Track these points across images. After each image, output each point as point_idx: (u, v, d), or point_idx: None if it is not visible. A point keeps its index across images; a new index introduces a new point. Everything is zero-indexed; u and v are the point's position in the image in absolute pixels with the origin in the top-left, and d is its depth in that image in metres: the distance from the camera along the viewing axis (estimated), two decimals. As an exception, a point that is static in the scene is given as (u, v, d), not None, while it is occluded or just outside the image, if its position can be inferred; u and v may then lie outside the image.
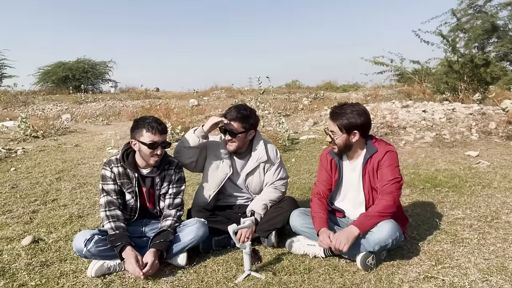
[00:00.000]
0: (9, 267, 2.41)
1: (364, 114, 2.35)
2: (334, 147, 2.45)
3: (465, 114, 7.39)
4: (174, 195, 2.55)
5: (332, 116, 2.40)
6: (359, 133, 2.35)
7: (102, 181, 2.48)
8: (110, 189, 2.46)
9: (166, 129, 2.47)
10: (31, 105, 15.64)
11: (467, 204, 3.37)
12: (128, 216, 2.51)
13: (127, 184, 2.48)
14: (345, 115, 2.34)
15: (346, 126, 2.34)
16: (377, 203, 2.33)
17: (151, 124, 2.38)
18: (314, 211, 2.46)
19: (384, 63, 12.27)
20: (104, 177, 2.47)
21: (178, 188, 2.57)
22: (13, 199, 3.94)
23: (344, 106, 2.38)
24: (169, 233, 2.37)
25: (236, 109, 2.68)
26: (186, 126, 7.49)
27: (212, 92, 18.64)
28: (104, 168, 2.49)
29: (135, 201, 2.49)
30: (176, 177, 2.57)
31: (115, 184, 2.47)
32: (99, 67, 22.14)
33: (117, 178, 2.47)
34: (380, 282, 2.12)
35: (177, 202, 2.54)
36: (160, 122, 2.43)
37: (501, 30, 10.99)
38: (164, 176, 2.54)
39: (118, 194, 2.47)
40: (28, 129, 8.02)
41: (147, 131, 2.37)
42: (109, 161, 2.50)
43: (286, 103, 13.23)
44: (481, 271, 2.18)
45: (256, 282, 2.16)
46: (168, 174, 2.55)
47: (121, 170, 2.47)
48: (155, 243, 2.31)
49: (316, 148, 6.33)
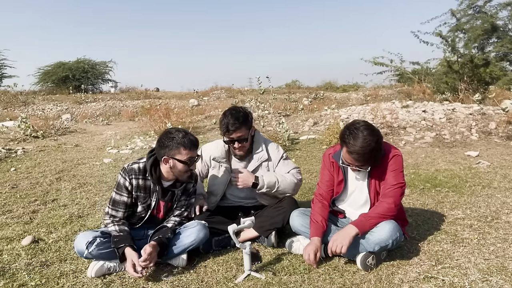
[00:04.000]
0: (9, 267, 2.40)
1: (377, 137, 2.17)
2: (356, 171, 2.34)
3: (465, 114, 7.39)
4: (186, 207, 2.54)
5: (361, 160, 2.19)
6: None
7: (117, 189, 2.37)
8: (121, 201, 2.36)
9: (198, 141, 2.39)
10: (31, 105, 15.65)
11: (467, 204, 3.37)
12: (134, 222, 2.49)
13: (143, 198, 2.40)
14: (372, 152, 2.15)
15: (377, 157, 2.26)
16: (378, 205, 2.32)
17: (188, 140, 2.28)
18: (313, 215, 2.43)
19: (384, 63, 12.30)
20: (120, 186, 2.35)
21: (190, 201, 2.56)
22: (13, 199, 3.94)
23: (365, 142, 2.12)
24: (168, 230, 2.37)
25: (233, 116, 2.60)
26: (186, 126, 7.49)
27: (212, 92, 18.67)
28: (123, 176, 2.35)
29: (146, 212, 2.45)
30: (193, 189, 2.55)
31: (129, 198, 2.37)
32: (99, 67, 22.19)
33: (133, 191, 2.36)
34: (380, 282, 2.12)
35: (186, 214, 2.54)
36: (191, 134, 2.35)
37: (500, 30, 11.01)
38: (185, 189, 2.50)
39: (128, 207, 2.40)
40: (28, 129, 8.02)
41: (185, 149, 2.27)
42: (130, 170, 2.35)
43: (286, 103, 13.24)
44: (481, 271, 2.18)
45: (256, 282, 2.16)
46: (188, 187, 2.51)
47: (141, 182, 2.36)
48: (154, 238, 2.32)
49: (316, 148, 6.33)
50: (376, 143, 2.15)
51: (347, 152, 2.20)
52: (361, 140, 2.12)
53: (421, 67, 12.77)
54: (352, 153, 2.18)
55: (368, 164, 2.24)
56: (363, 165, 2.24)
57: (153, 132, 8.13)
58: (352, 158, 2.20)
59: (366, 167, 2.27)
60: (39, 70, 21.58)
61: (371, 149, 2.14)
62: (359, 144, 2.12)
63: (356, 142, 2.13)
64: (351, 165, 2.27)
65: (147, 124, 8.85)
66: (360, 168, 2.27)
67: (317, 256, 2.23)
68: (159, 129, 8.00)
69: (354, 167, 2.28)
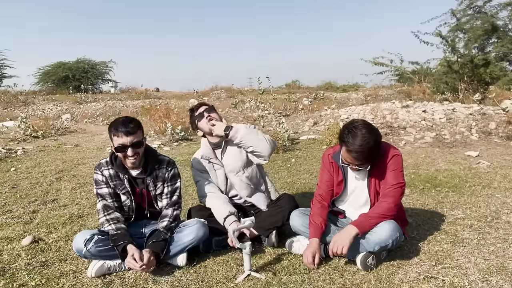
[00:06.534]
0: (9, 267, 2.41)
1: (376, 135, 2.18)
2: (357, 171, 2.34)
3: (465, 114, 7.39)
4: (171, 194, 2.51)
5: (361, 158, 2.18)
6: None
7: (96, 185, 2.45)
8: (104, 193, 2.43)
9: (136, 129, 2.32)
10: (31, 105, 15.64)
11: (467, 204, 3.37)
12: (127, 216, 2.51)
13: (120, 185, 2.45)
14: (371, 150, 2.15)
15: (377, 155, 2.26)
16: (377, 204, 2.32)
17: (116, 128, 2.29)
18: (312, 216, 2.43)
19: (384, 63, 12.30)
20: (97, 181, 2.44)
21: (173, 186, 2.52)
22: (13, 199, 3.94)
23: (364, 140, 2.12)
24: (160, 233, 2.35)
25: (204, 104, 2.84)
26: (186, 126, 7.48)
27: (212, 92, 18.65)
28: (95, 172, 2.46)
29: (131, 201, 2.47)
30: (169, 175, 2.51)
31: (108, 187, 2.44)
32: (99, 67, 22.20)
33: (109, 181, 2.43)
34: (380, 282, 2.12)
35: (174, 200, 2.51)
36: (126, 123, 2.30)
37: (501, 30, 11.00)
38: (156, 176, 2.48)
39: (114, 196, 2.44)
40: (28, 129, 8.02)
41: (114, 135, 2.30)
42: (99, 164, 2.47)
43: (286, 103, 13.23)
44: (481, 271, 2.18)
45: (256, 282, 2.16)
46: (161, 173, 2.49)
47: (112, 172, 2.44)
48: (148, 244, 2.31)
49: (316, 148, 6.33)
50: (375, 141, 2.15)
51: (347, 151, 2.20)
52: (360, 138, 2.12)
53: (421, 67, 12.77)
54: (351, 152, 2.17)
55: (368, 162, 2.24)
56: (362, 163, 2.23)
57: (153, 132, 8.13)
58: (351, 157, 2.20)
59: (365, 166, 2.27)
60: (39, 70, 21.61)
61: (370, 147, 2.14)
62: (358, 142, 2.12)
63: (355, 141, 2.13)
64: (350, 164, 2.26)
65: (147, 124, 8.84)
66: (359, 167, 2.26)
67: (316, 258, 2.23)
68: (159, 129, 7.99)
69: (354, 166, 2.27)
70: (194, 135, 7.70)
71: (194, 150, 6.24)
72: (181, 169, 5.09)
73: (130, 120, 2.36)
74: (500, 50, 10.98)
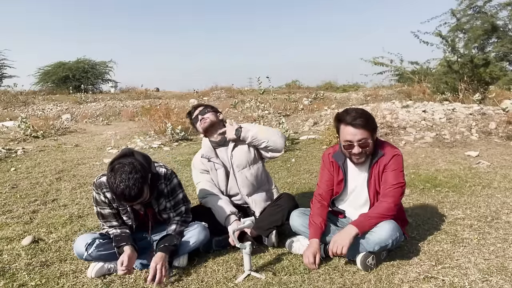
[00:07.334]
0: (9, 267, 2.41)
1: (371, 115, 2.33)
2: (360, 159, 2.30)
3: (465, 114, 7.39)
4: (174, 207, 2.42)
5: (361, 123, 2.21)
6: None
7: (97, 204, 2.30)
8: (107, 213, 2.31)
9: (139, 194, 2.02)
10: (31, 105, 15.65)
11: (467, 204, 3.37)
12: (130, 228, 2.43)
13: (123, 210, 2.32)
14: (369, 118, 2.25)
15: (375, 130, 2.28)
16: (377, 204, 2.32)
17: (118, 199, 2.09)
18: (312, 217, 2.43)
19: (384, 63, 12.29)
20: (98, 201, 2.28)
21: (175, 199, 2.41)
22: (13, 199, 3.94)
23: (359, 111, 2.25)
24: (173, 238, 2.29)
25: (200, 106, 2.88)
26: (186, 126, 7.48)
27: (212, 92, 18.65)
28: (96, 192, 2.25)
29: (132, 220, 2.37)
30: (169, 188, 2.37)
31: (112, 208, 2.30)
32: (99, 67, 22.22)
33: (112, 202, 2.28)
34: (380, 282, 2.12)
35: (180, 211, 2.44)
36: (127, 193, 1.97)
37: (500, 30, 11.00)
38: (157, 193, 2.31)
39: (117, 216, 2.33)
40: (28, 129, 8.02)
41: (115, 197, 2.11)
42: (100, 184, 2.24)
43: (286, 103, 13.23)
44: (481, 271, 2.18)
45: (256, 282, 2.16)
46: (160, 190, 2.33)
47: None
48: (159, 247, 2.24)
49: (316, 148, 6.33)
50: (369, 114, 2.27)
51: (346, 125, 2.24)
52: (355, 110, 2.26)
53: (421, 67, 12.77)
54: (350, 124, 2.22)
55: (368, 133, 2.23)
56: (363, 138, 2.22)
57: (153, 132, 8.13)
58: (352, 130, 2.21)
59: (367, 143, 2.24)
60: (39, 70, 21.63)
61: (367, 114, 2.25)
62: (354, 113, 2.23)
63: (351, 113, 2.24)
64: (352, 143, 2.24)
65: (147, 124, 8.85)
66: (362, 146, 2.23)
67: (317, 259, 2.23)
68: (159, 129, 7.99)
69: (356, 148, 2.24)
70: (194, 135, 7.70)
71: (194, 150, 6.25)
72: (181, 169, 5.12)
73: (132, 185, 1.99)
74: (500, 50, 10.98)
